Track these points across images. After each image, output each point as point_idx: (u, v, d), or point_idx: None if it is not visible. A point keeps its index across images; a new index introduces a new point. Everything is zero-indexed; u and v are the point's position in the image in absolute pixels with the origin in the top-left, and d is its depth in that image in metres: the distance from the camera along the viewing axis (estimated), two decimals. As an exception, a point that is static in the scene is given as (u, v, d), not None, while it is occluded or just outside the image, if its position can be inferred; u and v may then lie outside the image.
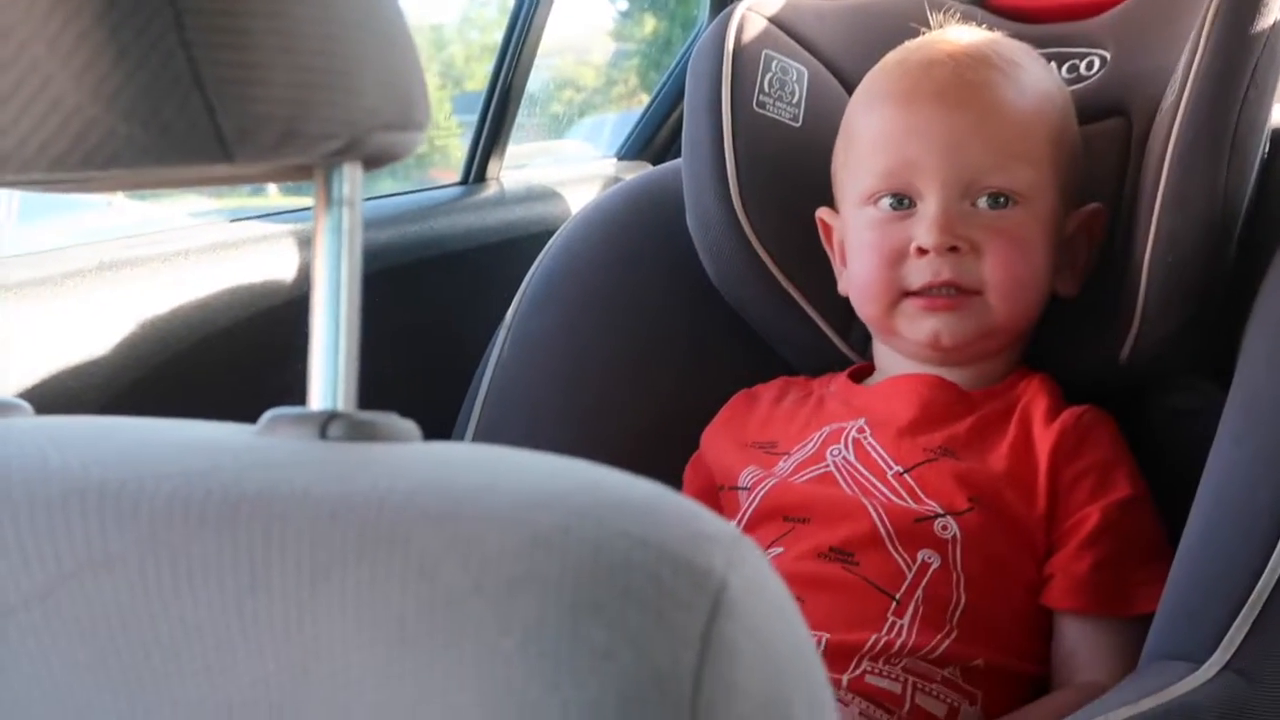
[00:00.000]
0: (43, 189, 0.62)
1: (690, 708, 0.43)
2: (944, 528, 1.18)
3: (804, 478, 1.25)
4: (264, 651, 0.48)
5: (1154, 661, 1.07)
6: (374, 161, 0.58)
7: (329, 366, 0.58)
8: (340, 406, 0.58)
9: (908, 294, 1.26)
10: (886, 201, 1.27)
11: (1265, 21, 1.22)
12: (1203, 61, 1.23)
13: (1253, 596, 1.03)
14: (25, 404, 0.67)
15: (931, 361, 1.29)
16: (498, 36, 1.83)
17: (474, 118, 1.84)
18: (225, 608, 0.48)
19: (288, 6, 0.51)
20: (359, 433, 0.56)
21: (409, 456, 0.53)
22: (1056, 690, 1.18)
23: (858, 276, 1.31)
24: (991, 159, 1.25)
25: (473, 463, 0.52)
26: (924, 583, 1.17)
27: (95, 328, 1.31)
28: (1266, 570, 1.03)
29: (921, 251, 1.25)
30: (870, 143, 1.30)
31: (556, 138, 3.00)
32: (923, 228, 1.24)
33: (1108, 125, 1.36)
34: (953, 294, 1.25)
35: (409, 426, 0.57)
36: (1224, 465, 1.11)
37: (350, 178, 0.57)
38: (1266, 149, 1.28)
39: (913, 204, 1.26)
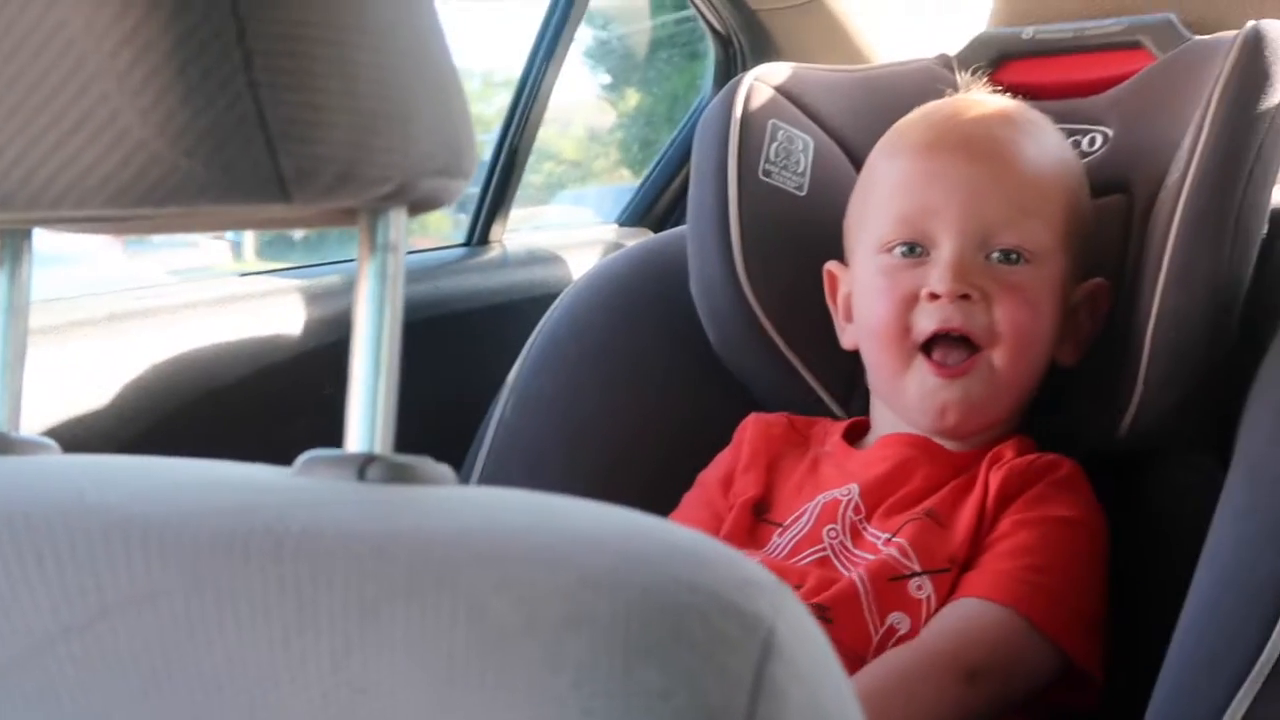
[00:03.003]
0: (86, 228, 0.62)
1: None
2: (919, 587, 1.18)
3: (802, 561, 1.24)
4: (310, 689, 0.48)
5: (1154, 736, 1.07)
6: (419, 207, 0.58)
7: (367, 408, 0.58)
8: (377, 449, 0.58)
9: (920, 350, 1.26)
10: (900, 249, 1.28)
11: (1270, 102, 1.24)
12: (1208, 141, 1.24)
13: (1253, 672, 1.03)
14: (53, 443, 0.68)
15: (930, 433, 1.29)
16: (480, 108, 1.85)
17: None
18: (271, 644, 0.48)
19: (349, 51, 0.52)
20: (397, 475, 0.56)
21: (451, 498, 0.54)
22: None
23: (867, 322, 1.31)
24: (1009, 214, 1.26)
25: (516, 506, 0.53)
26: (889, 647, 1.16)
27: (101, 377, 1.32)
28: (1268, 646, 1.03)
29: (933, 297, 1.25)
30: (890, 189, 1.31)
31: (537, 206, 3.01)
32: (935, 274, 1.25)
33: (1109, 201, 1.37)
34: (964, 353, 1.25)
35: (445, 471, 0.58)
36: (1225, 540, 1.11)
37: (396, 222, 0.58)
38: (1265, 229, 1.29)
39: (925, 253, 1.27)
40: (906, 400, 1.28)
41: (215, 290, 1.45)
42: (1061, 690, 1.18)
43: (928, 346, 1.26)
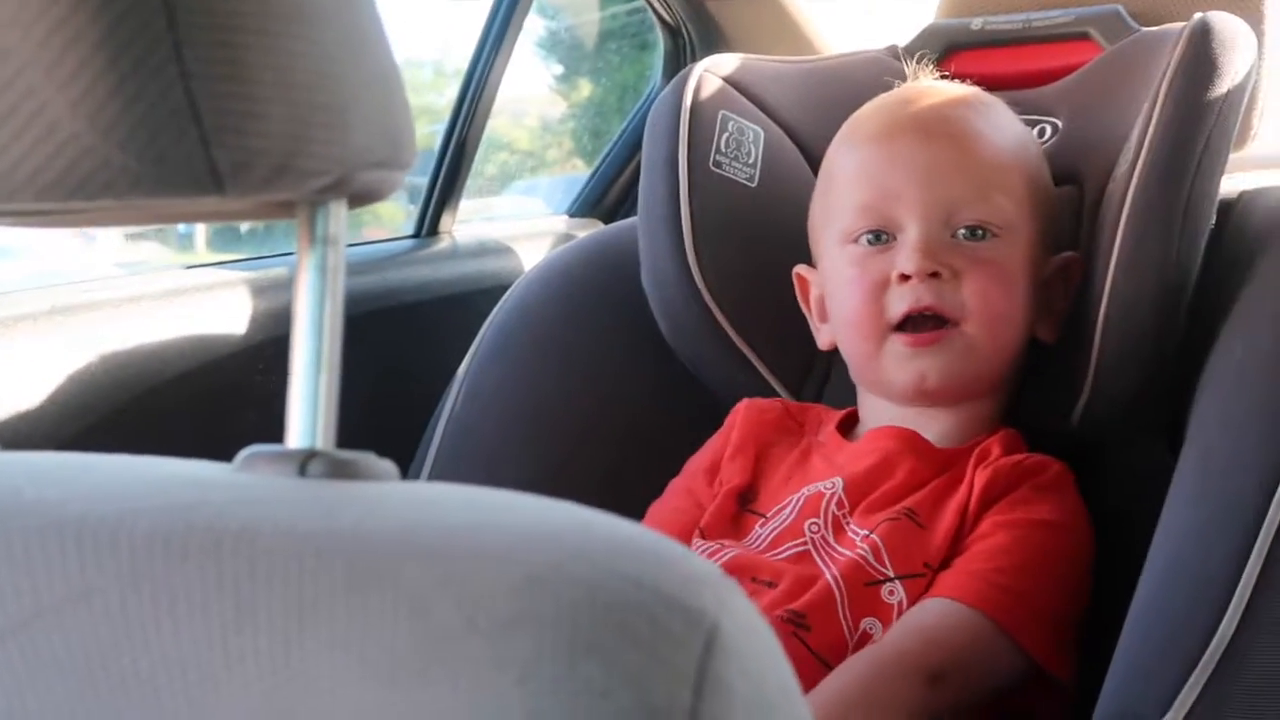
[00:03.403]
0: (19, 222, 0.61)
1: None
2: (891, 593, 1.17)
3: (782, 554, 1.23)
4: (250, 688, 0.47)
5: (1107, 721, 1.07)
6: (359, 199, 0.58)
7: (308, 404, 0.58)
8: (319, 445, 0.57)
9: (893, 329, 1.26)
10: (866, 238, 1.28)
11: (1218, 91, 1.24)
12: (1157, 131, 1.25)
13: (1205, 657, 1.03)
14: (-10, 440, 0.66)
15: (917, 404, 1.28)
16: (429, 98, 1.84)
17: (410, 178, 1.84)
18: (210, 643, 0.48)
19: (284, 41, 0.51)
20: (339, 471, 0.55)
21: (392, 494, 0.53)
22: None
23: (842, 314, 1.30)
24: (971, 190, 1.25)
25: (459, 501, 0.52)
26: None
27: (44, 372, 1.30)
28: (1219, 631, 1.03)
29: (904, 278, 1.24)
30: (849, 180, 1.31)
31: (490, 197, 3.00)
32: (903, 255, 1.25)
33: (1060, 192, 1.38)
34: (936, 327, 1.25)
35: (388, 466, 0.57)
36: (1177, 526, 1.12)
37: (335, 215, 0.57)
38: (1214, 219, 1.30)
39: (892, 239, 1.27)
40: (885, 377, 1.28)
41: (160, 283, 1.43)
42: (1030, 694, 1.17)
43: (901, 327, 1.26)
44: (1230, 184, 1.33)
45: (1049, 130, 1.43)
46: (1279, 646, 1.02)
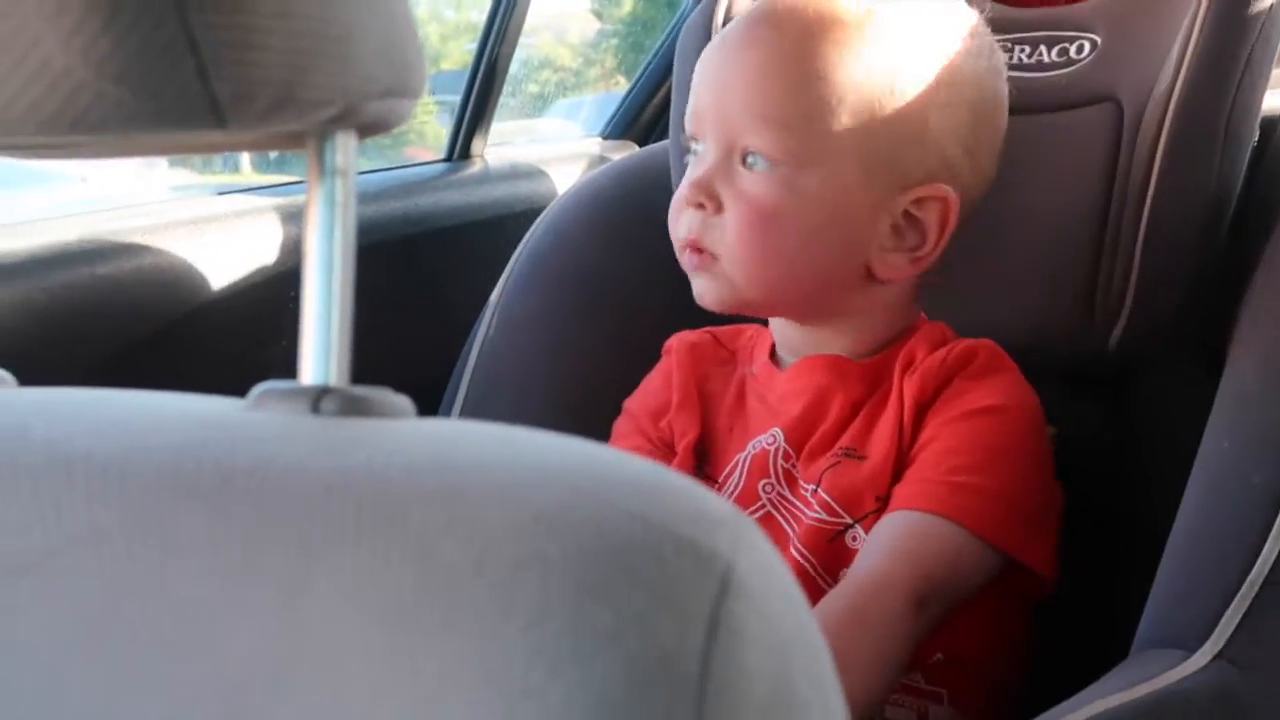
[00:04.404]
0: (30, 155, 0.60)
1: (698, 690, 0.42)
2: (854, 538, 1.15)
3: None
4: (256, 630, 0.46)
5: (1146, 649, 1.06)
6: (368, 130, 0.56)
7: (321, 340, 0.57)
8: (332, 381, 0.57)
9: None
10: (692, 150, 1.22)
11: (1260, 6, 1.21)
12: (1197, 47, 1.22)
13: (1245, 584, 1.02)
14: (7, 374, 0.66)
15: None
16: (472, 15, 1.82)
17: (450, 97, 1.83)
18: (217, 585, 0.47)
19: None
20: (352, 408, 0.54)
21: (404, 432, 0.52)
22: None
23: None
24: (752, 117, 1.16)
25: (470, 439, 0.51)
26: None
27: (76, 301, 1.30)
28: (1260, 558, 1.02)
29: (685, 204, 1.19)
30: (694, 83, 1.23)
31: (533, 117, 2.97)
32: (685, 179, 1.19)
33: (1099, 110, 1.35)
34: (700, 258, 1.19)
35: (403, 402, 0.56)
36: (1216, 452, 1.10)
37: (344, 147, 0.56)
38: (1256, 136, 1.28)
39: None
40: None
41: (190, 210, 1.43)
42: (1009, 582, 1.14)
43: None
44: (1273, 100, 1.30)
45: (1087, 46, 1.39)
46: (1321, 574, 1.02)
